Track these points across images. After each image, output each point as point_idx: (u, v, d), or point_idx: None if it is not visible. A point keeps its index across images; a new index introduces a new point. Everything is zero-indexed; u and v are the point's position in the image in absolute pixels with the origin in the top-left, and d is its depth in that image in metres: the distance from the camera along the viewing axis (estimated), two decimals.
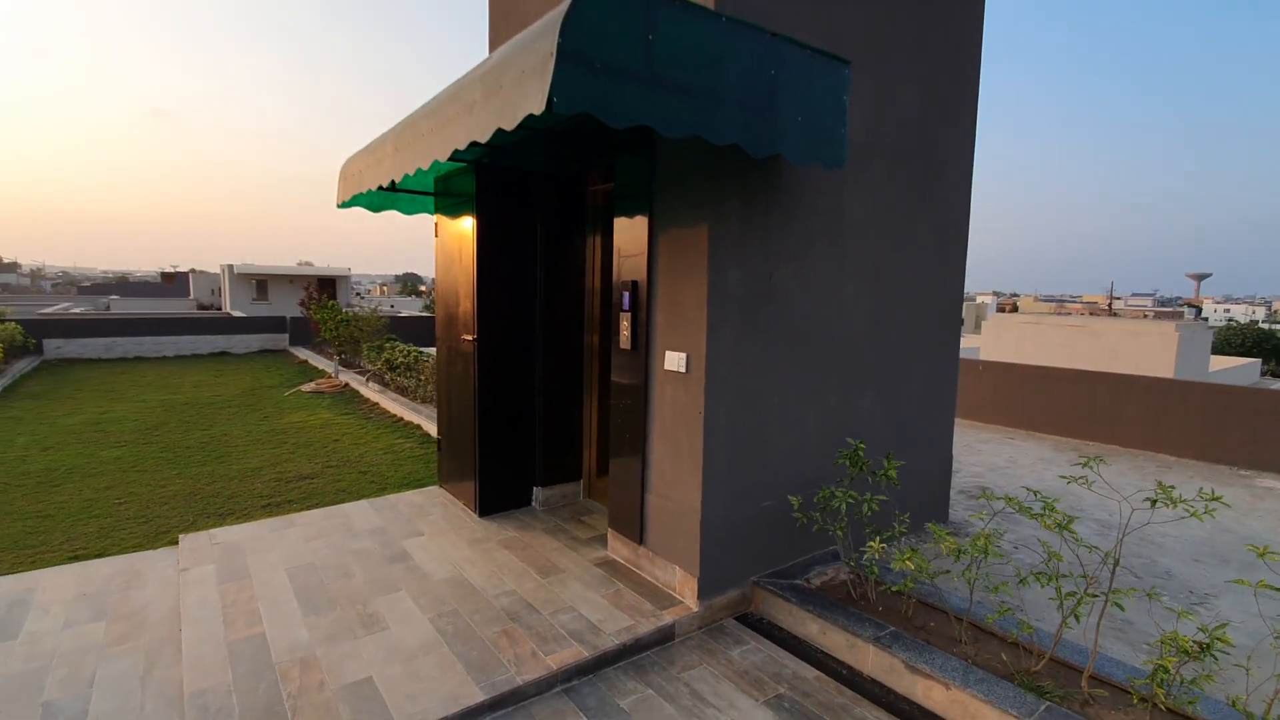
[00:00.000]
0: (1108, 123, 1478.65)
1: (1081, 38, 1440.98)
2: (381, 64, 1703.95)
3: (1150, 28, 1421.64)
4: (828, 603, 3.46)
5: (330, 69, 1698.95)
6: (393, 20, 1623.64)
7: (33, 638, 3.28)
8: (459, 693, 2.79)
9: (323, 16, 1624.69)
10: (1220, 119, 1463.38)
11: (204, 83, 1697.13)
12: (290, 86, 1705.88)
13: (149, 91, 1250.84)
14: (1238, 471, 6.93)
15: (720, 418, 3.45)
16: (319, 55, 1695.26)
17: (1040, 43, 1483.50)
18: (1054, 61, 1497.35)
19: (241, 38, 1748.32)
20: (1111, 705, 2.65)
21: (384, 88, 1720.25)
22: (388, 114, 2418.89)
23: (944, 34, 4.51)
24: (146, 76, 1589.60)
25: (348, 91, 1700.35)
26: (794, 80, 2.95)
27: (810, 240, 3.76)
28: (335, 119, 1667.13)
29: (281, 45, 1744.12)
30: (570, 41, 2.24)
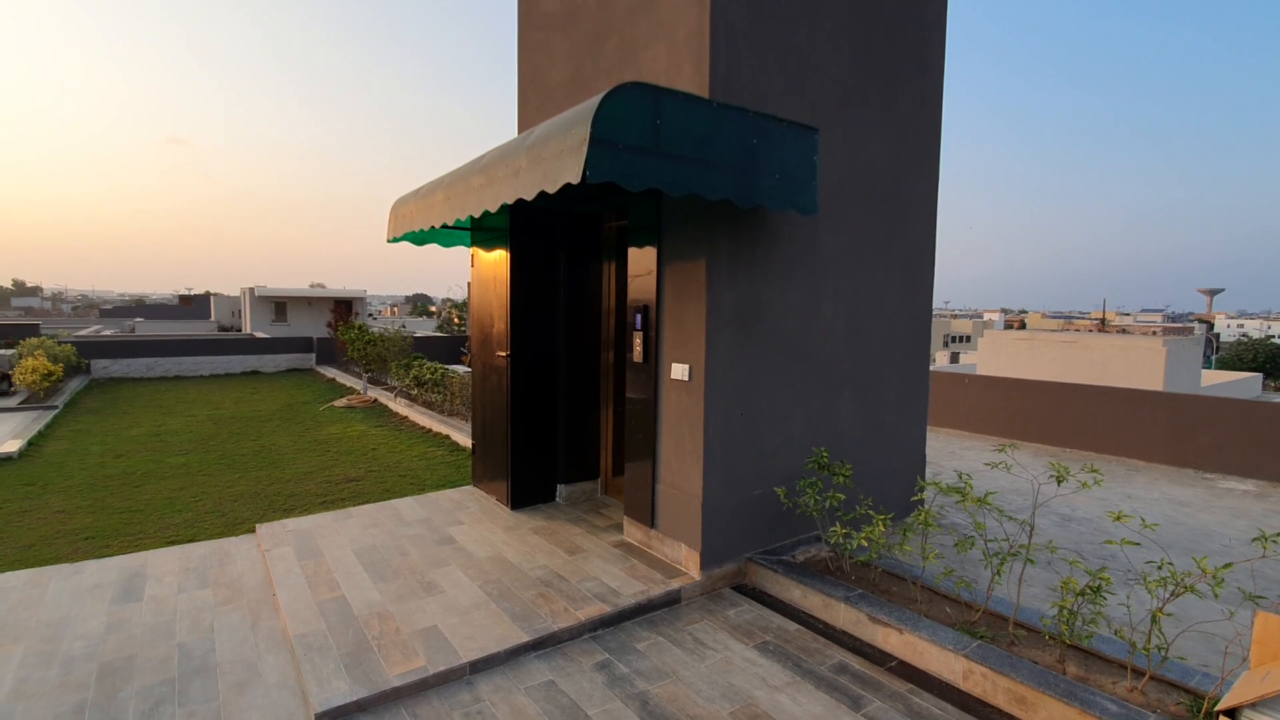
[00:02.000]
0: (1116, 134, 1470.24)
1: (1087, 42, 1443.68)
2: (389, 89, 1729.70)
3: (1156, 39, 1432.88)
4: (809, 573, 4.14)
5: (341, 95, 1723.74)
6: (401, 46, 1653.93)
7: (155, 599, 4.01)
8: (507, 635, 3.49)
9: (333, 44, 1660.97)
10: (1232, 130, 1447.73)
11: (219, 111, 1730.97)
12: (301, 113, 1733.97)
13: (167, 120, 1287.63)
14: (1202, 474, 7.53)
15: (718, 419, 4.16)
16: (330, 82, 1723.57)
17: (1048, 52, 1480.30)
18: (1066, 72, 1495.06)
19: (255, 66, 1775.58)
20: (1030, 643, 3.31)
21: (392, 113, 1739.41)
22: (397, 139, 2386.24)
23: (907, 88, 5.26)
24: (164, 106, 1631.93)
25: (358, 117, 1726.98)
26: (772, 146, 3.71)
27: (791, 269, 4.49)
28: (345, 144, 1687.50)
29: (293, 73, 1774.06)
30: (599, 130, 3.01)
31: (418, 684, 3.13)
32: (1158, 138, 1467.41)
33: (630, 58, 4.57)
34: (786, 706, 3.03)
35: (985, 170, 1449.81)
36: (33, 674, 3.23)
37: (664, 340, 4.41)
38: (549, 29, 5.56)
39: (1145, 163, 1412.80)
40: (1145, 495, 6.56)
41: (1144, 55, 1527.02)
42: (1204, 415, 7.75)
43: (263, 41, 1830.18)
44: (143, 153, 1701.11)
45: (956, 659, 3.23)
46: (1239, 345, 64.93)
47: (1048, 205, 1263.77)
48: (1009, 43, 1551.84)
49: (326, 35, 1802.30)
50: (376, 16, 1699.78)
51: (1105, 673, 3.06)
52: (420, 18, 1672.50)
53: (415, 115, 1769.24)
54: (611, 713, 2.97)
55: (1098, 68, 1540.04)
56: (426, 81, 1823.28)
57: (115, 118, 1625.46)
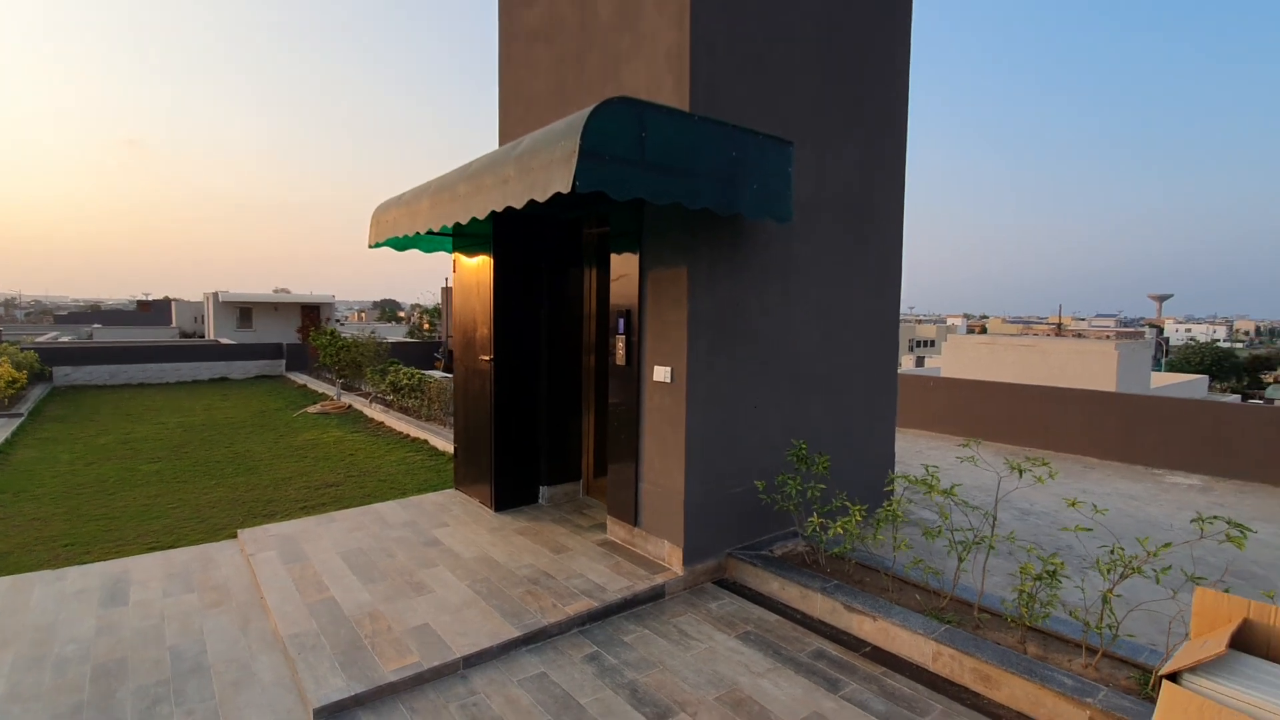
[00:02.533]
0: (1071, 144, 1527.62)
1: (1040, 55, 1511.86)
2: (354, 90, 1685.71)
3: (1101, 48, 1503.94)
4: (786, 566, 4.32)
5: (305, 96, 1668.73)
6: (365, 46, 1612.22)
7: (142, 604, 4.01)
8: (499, 631, 3.59)
9: (296, 44, 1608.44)
10: (1181, 140, 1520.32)
11: (176, 112, 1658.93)
12: (263, 114, 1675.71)
13: (122, 121, 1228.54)
14: (1151, 470, 7.96)
15: (698, 418, 4.33)
16: (293, 83, 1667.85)
17: (1011, 61, 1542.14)
18: (1027, 85, 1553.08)
19: (214, 66, 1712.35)
20: (993, 626, 3.53)
21: (358, 114, 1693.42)
22: (363, 141, 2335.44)
23: (874, 105, 5.52)
24: (119, 106, 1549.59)
25: (322, 119, 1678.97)
26: (750, 158, 3.90)
27: (767, 275, 4.69)
28: (310, 146, 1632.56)
29: (254, 73, 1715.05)
30: (588, 142, 3.16)
31: (413, 679, 3.21)
32: (1110, 148, 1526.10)
33: (612, 72, 4.73)
34: (769, 690, 3.19)
35: (949, 177, 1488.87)
36: (25, 677, 3.23)
37: (646, 343, 4.56)
38: (531, 41, 5.69)
39: (1099, 172, 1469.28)
40: (1098, 490, 6.93)
41: (1102, 62, 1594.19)
42: (1152, 414, 8.19)
43: (222, 41, 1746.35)
44: (96, 154, 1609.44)
45: (926, 642, 3.43)
46: (1187, 349, 67.67)
47: (1008, 213, 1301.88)
48: (975, 54, 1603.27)
49: (289, 35, 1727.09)
50: (342, 17, 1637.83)
51: (1062, 651, 3.29)
52: (387, 17, 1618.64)
53: (382, 117, 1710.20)
54: (603, 700, 3.10)
55: (1060, 76, 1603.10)
56: (393, 82, 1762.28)
57: (66, 118, 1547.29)
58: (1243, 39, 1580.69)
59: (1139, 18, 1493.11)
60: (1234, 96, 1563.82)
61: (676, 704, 3.08)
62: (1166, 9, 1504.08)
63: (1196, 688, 2.06)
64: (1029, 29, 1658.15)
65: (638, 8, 4.48)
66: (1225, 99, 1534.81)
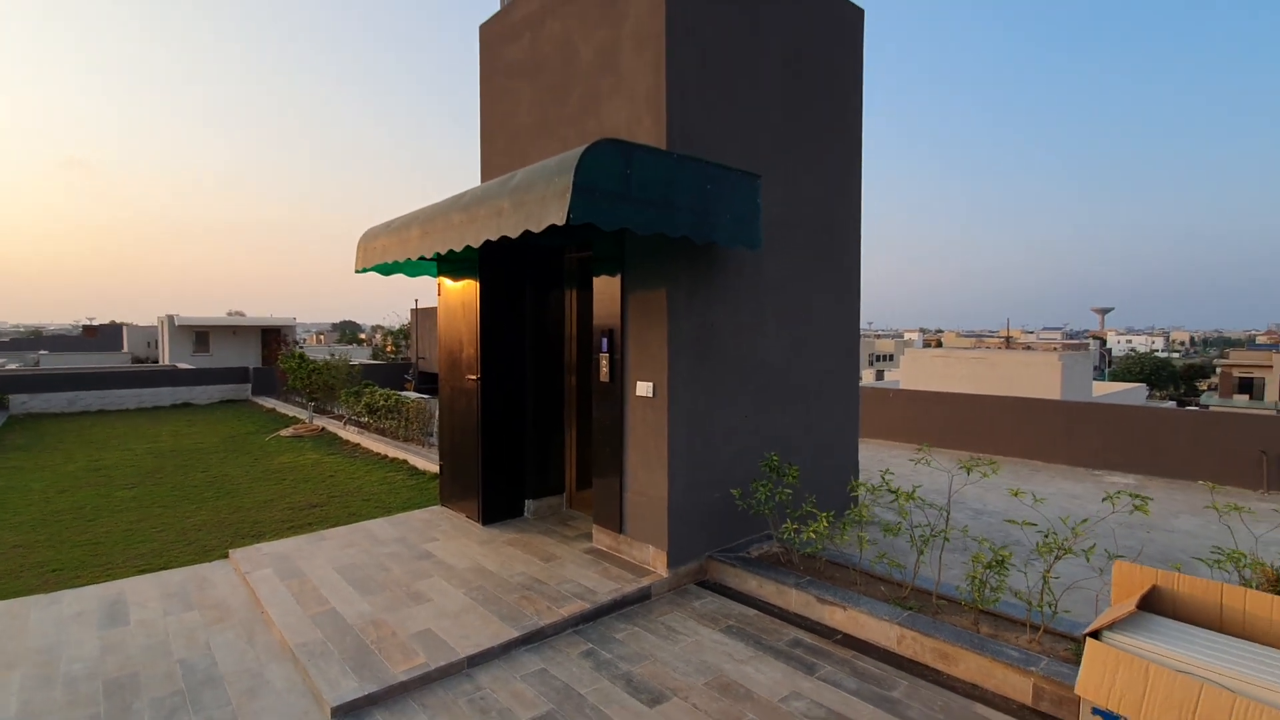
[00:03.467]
0: (1017, 166, 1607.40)
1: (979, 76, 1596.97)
2: (313, 107, 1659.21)
3: None
4: (763, 566, 4.65)
5: (259, 115, 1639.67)
6: (327, 64, 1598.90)
7: (143, 623, 4.11)
8: (499, 632, 3.82)
9: (249, 61, 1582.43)
10: (1119, 157, 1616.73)
11: (123, 130, 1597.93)
12: (214, 133, 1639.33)
13: (65, 140, 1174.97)
14: (1091, 472, 8.57)
15: (680, 430, 4.65)
16: (246, 103, 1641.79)
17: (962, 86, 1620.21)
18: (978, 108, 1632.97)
19: (163, 84, 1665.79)
20: (950, 611, 3.91)
21: (314, 133, 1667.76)
22: (321, 160, 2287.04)
23: (832, 136, 6.00)
24: (62, 125, 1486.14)
25: (277, 138, 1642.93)
26: (723, 191, 4.29)
27: (740, 295, 5.07)
28: (264, 166, 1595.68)
29: (206, 92, 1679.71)
30: (580, 179, 3.49)
31: (421, 678, 3.42)
32: (1053, 167, 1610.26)
33: (593, 108, 5.09)
34: (751, 675, 3.50)
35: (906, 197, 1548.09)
36: (36, 695, 3.33)
37: (629, 361, 4.88)
38: (514, 77, 6.03)
39: (1043, 190, 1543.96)
40: (1043, 490, 7.47)
41: (1046, 87, 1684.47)
42: (1091, 420, 8.83)
43: (171, 58, 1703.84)
44: (37, 174, 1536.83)
45: (891, 627, 3.79)
46: (1128, 359, 70.92)
47: (960, 230, 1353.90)
48: (931, 80, 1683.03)
49: (242, 53, 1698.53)
50: (296, 34, 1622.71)
51: (1010, 630, 3.68)
52: (343, 35, 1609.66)
53: (339, 135, 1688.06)
54: (601, 690, 3.36)
55: (1008, 101, 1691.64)
56: (354, 100, 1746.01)
57: (4, 136, 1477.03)
58: (1174, 62, 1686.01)
59: (1076, 40, 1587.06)
60: (1167, 118, 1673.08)
61: (669, 690, 3.36)
62: (1103, 33, 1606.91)
63: (1113, 642, 2.45)
64: (976, 54, 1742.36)
65: (617, 52, 4.86)
66: (1159, 121, 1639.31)
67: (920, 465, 4.61)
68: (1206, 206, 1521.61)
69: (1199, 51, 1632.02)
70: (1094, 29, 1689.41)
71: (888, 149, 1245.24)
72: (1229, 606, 2.53)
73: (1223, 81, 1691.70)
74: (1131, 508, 3.54)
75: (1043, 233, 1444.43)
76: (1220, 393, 50.81)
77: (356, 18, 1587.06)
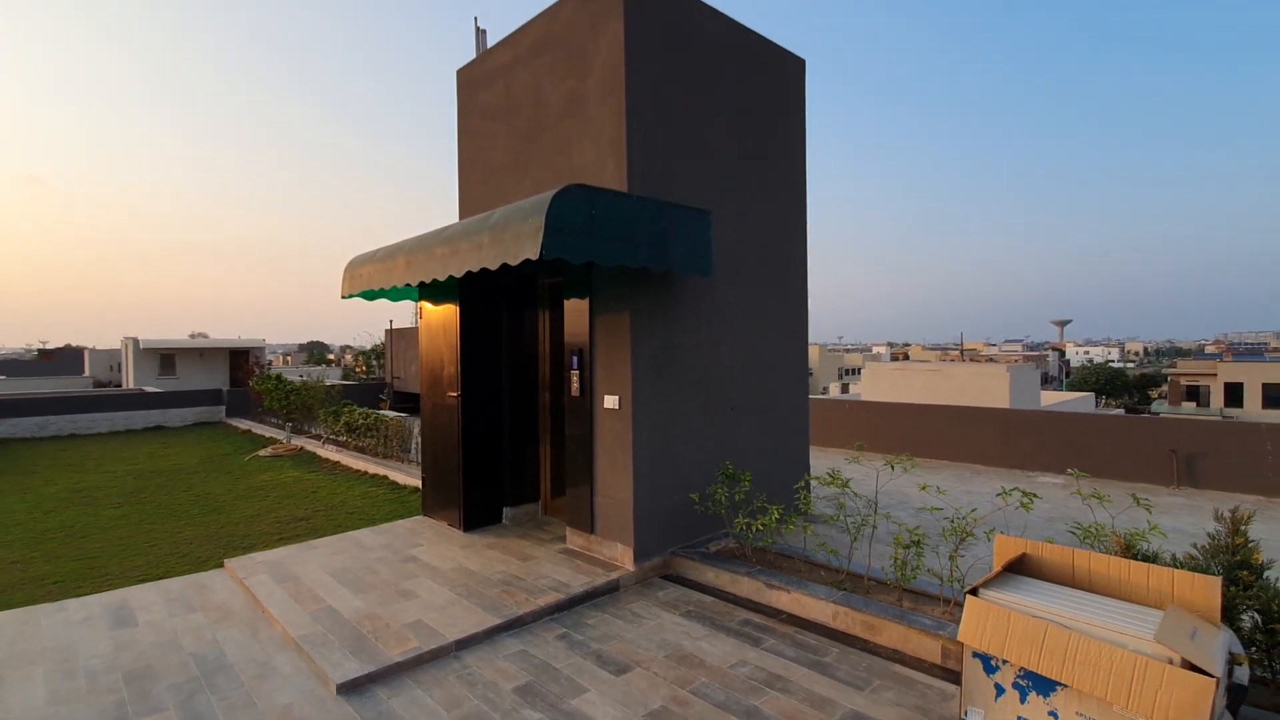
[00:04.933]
0: (976, 182, 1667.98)
1: None
2: (277, 125, 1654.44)
3: None
4: (720, 559, 5.18)
5: (225, 130, 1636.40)
6: (289, 85, 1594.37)
7: (151, 624, 4.47)
8: (483, 621, 4.28)
9: (215, 75, 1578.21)
10: (1074, 172, 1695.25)
11: (85, 148, 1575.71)
12: (178, 150, 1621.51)
13: (23, 158, 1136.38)
14: (1026, 473, 9.31)
15: (644, 438, 5.18)
16: (211, 116, 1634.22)
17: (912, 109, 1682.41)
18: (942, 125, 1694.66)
19: (130, 102, 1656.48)
20: (879, 591, 4.48)
21: (281, 150, 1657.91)
22: (286, 176, 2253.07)
23: (778, 173, 6.66)
24: (23, 143, 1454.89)
25: (242, 155, 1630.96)
26: (678, 227, 4.88)
27: (697, 316, 5.65)
28: (228, 184, 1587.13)
29: (170, 107, 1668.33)
30: (551, 220, 4.04)
31: (414, 660, 3.87)
32: (1016, 184, 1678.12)
33: (563, 150, 5.66)
34: (706, 649, 4.01)
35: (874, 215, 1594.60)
36: (62, 685, 3.69)
37: (597, 377, 5.41)
38: (489, 119, 6.58)
39: (1005, 207, 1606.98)
40: (981, 490, 8.16)
41: (1004, 106, 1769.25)
42: (1026, 427, 9.60)
43: (138, 75, 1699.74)
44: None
45: (827, 605, 4.34)
46: (1084, 369, 73.56)
47: (926, 245, 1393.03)
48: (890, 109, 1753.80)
49: (207, 66, 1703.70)
50: (262, 47, 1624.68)
51: (928, 604, 4.26)
52: (311, 49, 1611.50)
53: (305, 153, 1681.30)
54: (575, 664, 3.85)
55: (971, 122, 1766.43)
56: (318, 119, 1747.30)
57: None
58: (1116, 82, 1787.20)
59: (1032, 53, 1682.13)
60: (1123, 133, 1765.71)
61: (634, 662, 3.85)
62: (1058, 46, 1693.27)
63: (987, 597, 3.04)
64: (930, 73, 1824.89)
65: (583, 100, 5.45)
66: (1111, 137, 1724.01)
67: (861, 466, 5.20)
68: (1160, 219, 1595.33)
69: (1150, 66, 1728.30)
70: (1048, 41, 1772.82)
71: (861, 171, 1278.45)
72: (1079, 567, 3.13)
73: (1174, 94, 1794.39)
74: (1020, 502, 4.16)
75: (1004, 248, 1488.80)
76: (1170, 400, 53.13)
77: (325, 32, 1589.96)
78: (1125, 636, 2.65)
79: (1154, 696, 2.41)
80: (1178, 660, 2.42)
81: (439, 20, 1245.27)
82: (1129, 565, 3.01)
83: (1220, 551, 3.51)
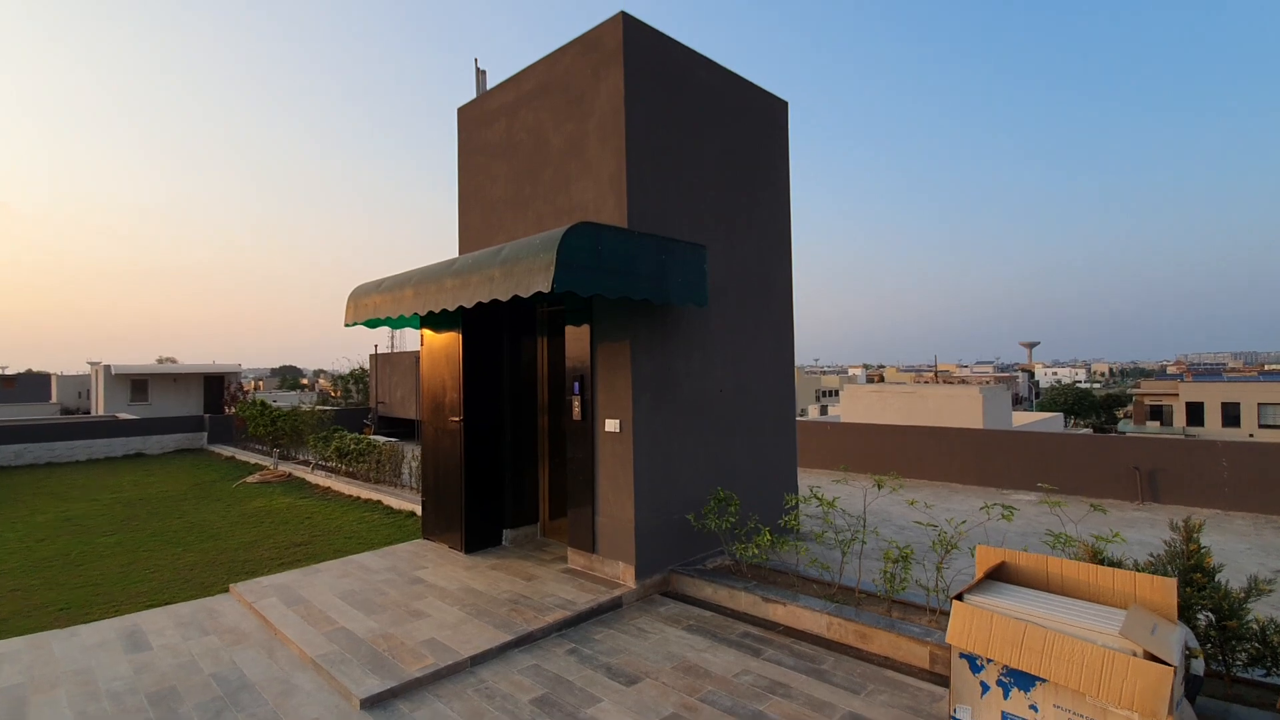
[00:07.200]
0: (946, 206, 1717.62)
1: None
2: (246, 146, 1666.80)
3: None
4: (717, 575, 5.43)
5: (195, 152, 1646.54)
6: (266, 102, 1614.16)
7: (166, 648, 4.57)
8: (495, 637, 4.47)
9: (185, 94, 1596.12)
10: (1042, 196, 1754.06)
11: (52, 172, 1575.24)
12: (146, 174, 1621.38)
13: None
14: (1001, 491, 9.72)
15: (644, 460, 5.44)
16: (183, 137, 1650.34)
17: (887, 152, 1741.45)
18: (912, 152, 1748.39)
19: (95, 118, 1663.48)
20: (869, 603, 4.77)
21: (250, 172, 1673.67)
22: (256, 199, 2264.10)
23: (764, 205, 7.06)
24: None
25: (207, 177, 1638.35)
26: (675, 260, 5.20)
27: (692, 343, 5.96)
28: (192, 208, 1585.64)
29: (143, 127, 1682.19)
30: (561, 256, 4.33)
31: (433, 675, 4.04)
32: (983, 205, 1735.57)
33: (564, 187, 5.98)
34: (710, 660, 4.25)
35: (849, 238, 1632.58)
36: (88, 707, 3.79)
37: (598, 401, 5.67)
38: (490, 156, 6.90)
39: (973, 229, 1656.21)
40: (957, 507, 8.52)
41: (958, 158, 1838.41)
42: (999, 446, 10.04)
43: (112, 99, 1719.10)
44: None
45: (821, 617, 4.61)
46: (1053, 390, 75.46)
47: (899, 268, 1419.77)
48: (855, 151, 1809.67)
49: (177, 85, 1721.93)
50: (233, 64, 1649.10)
51: (916, 613, 4.55)
52: (279, 68, 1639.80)
53: (276, 175, 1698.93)
54: (586, 676, 4.05)
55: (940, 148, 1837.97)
56: (286, 139, 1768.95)
57: None
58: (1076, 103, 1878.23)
59: (998, 80, 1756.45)
60: (1081, 162, 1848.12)
61: (642, 674, 4.07)
62: (1026, 72, 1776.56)
63: (972, 601, 3.34)
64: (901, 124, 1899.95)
65: (583, 140, 5.79)
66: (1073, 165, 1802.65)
67: (847, 486, 5.50)
68: (1122, 242, 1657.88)
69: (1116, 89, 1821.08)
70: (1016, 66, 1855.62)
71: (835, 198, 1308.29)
72: (1052, 573, 3.45)
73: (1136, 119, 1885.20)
74: (1002, 515, 4.50)
75: (975, 270, 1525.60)
76: (1134, 420, 54.76)
77: (293, 51, 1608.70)
78: (1094, 633, 2.96)
79: (1120, 685, 2.71)
80: (1140, 653, 2.74)
81: (423, 50, 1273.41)
82: (1096, 570, 3.34)
83: (1176, 557, 3.86)
